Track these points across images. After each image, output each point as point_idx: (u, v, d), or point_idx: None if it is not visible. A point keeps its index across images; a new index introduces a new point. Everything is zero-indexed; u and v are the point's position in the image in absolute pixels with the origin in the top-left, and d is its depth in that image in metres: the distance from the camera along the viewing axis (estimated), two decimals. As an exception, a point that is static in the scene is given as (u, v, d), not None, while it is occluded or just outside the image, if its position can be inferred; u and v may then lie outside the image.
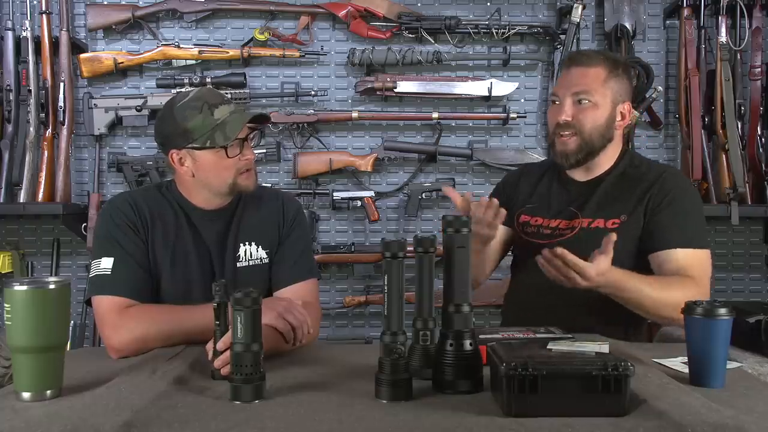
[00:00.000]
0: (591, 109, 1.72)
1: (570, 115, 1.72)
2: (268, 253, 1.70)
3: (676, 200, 1.69)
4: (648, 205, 1.70)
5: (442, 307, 1.20)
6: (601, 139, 1.74)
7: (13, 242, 2.76)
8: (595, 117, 1.72)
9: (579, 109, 1.72)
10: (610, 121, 1.74)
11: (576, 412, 1.03)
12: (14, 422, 1.02)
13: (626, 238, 1.66)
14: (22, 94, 2.58)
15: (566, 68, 1.78)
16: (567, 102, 1.73)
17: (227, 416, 1.05)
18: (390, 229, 2.82)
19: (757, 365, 1.97)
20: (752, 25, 2.60)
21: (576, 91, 1.72)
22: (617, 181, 1.77)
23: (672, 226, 1.67)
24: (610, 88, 1.73)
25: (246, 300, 1.12)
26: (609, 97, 1.73)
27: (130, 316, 1.50)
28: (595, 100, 1.72)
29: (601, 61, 1.74)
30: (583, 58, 1.76)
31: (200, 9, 2.71)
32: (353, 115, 2.72)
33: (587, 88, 1.72)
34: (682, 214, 1.69)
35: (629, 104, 1.78)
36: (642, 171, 1.77)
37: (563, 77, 1.78)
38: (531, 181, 1.89)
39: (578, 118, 1.72)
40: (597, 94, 1.72)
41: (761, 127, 2.62)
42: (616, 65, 1.76)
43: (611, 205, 1.74)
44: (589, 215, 1.74)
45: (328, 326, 2.77)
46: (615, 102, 1.74)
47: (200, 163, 1.60)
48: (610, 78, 1.73)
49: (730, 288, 2.83)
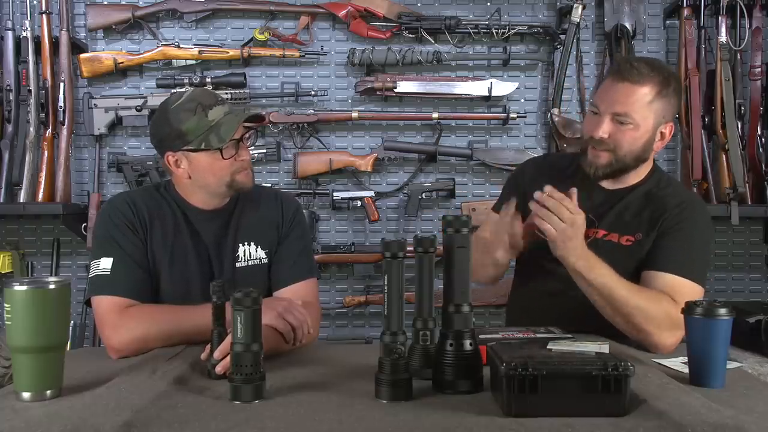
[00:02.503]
0: (630, 132, 1.62)
1: (607, 133, 1.62)
2: (267, 254, 1.70)
3: (686, 230, 1.62)
4: (659, 229, 1.63)
5: (442, 307, 1.20)
6: (635, 161, 1.65)
7: (13, 242, 2.76)
8: (633, 139, 1.62)
9: (618, 128, 1.62)
10: (648, 144, 1.65)
11: (576, 412, 1.03)
12: (14, 422, 1.02)
13: (637, 258, 1.63)
14: (22, 94, 2.58)
15: (613, 79, 1.64)
16: (606, 119, 1.62)
17: (227, 416, 1.05)
18: (390, 229, 2.81)
19: (757, 365, 1.98)
20: (752, 25, 2.60)
21: (618, 111, 1.61)
22: (641, 199, 1.69)
23: (672, 252, 1.60)
24: (654, 111, 1.62)
25: (246, 300, 1.12)
26: (652, 119, 1.62)
27: (130, 316, 1.50)
28: (636, 123, 1.61)
29: (651, 79, 1.61)
30: (634, 74, 1.61)
31: (200, 9, 2.71)
32: (353, 115, 2.72)
33: (630, 110, 1.60)
34: (687, 244, 1.61)
35: (671, 125, 1.68)
36: (666, 194, 1.69)
37: (608, 89, 1.65)
38: (552, 176, 1.77)
39: (615, 138, 1.62)
40: (638, 116, 1.61)
41: (761, 127, 2.62)
42: (667, 82, 1.63)
43: (629, 221, 1.67)
44: (606, 227, 1.68)
45: (328, 326, 2.77)
46: (657, 124, 1.64)
47: (196, 165, 1.60)
48: (657, 99, 1.62)
49: (730, 288, 2.82)
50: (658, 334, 1.48)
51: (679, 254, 1.59)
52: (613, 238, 1.67)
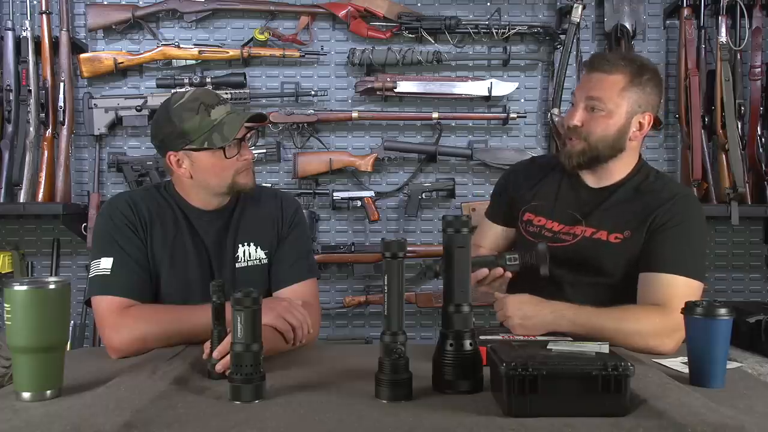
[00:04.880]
0: (602, 118, 1.65)
1: (580, 121, 1.66)
2: (267, 254, 1.70)
3: (681, 225, 1.61)
4: (651, 225, 1.63)
5: (442, 307, 1.20)
6: (609, 149, 1.66)
7: (13, 242, 2.75)
8: (605, 126, 1.65)
9: (590, 116, 1.65)
10: (622, 132, 1.66)
11: (576, 412, 1.03)
12: (14, 422, 1.02)
13: (627, 255, 1.63)
14: (22, 94, 2.58)
15: (587, 71, 1.70)
16: (580, 106, 1.67)
17: (227, 416, 1.05)
18: (390, 229, 2.81)
19: (757, 365, 1.98)
20: (752, 25, 2.59)
21: (590, 96, 1.65)
22: (629, 194, 1.70)
23: (668, 250, 1.59)
24: (627, 98, 1.64)
25: (246, 300, 1.12)
26: (624, 107, 1.64)
27: (130, 316, 1.50)
28: (609, 109, 1.64)
29: (622, 68, 1.65)
30: (604, 63, 1.66)
31: (200, 9, 2.71)
32: (353, 115, 2.72)
33: (601, 96, 1.64)
34: (683, 240, 1.61)
35: (650, 115, 1.68)
36: (655, 188, 1.69)
37: (583, 80, 1.72)
38: (539, 177, 1.82)
39: (587, 126, 1.65)
40: (611, 102, 1.64)
41: (761, 127, 2.61)
42: (640, 72, 1.66)
43: (617, 218, 1.67)
44: (594, 225, 1.68)
45: (328, 326, 2.77)
46: (632, 112, 1.66)
47: (198, 165, 1.60)
48: (631, 87, 1.64)
49: (730, 288, 2.82)
50: (658, 344, 1.48)
51: (676, 252, 1.59)
52: (601, 236, 1.67)
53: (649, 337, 1.48)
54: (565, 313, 1.50)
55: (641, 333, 1.48)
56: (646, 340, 1.48)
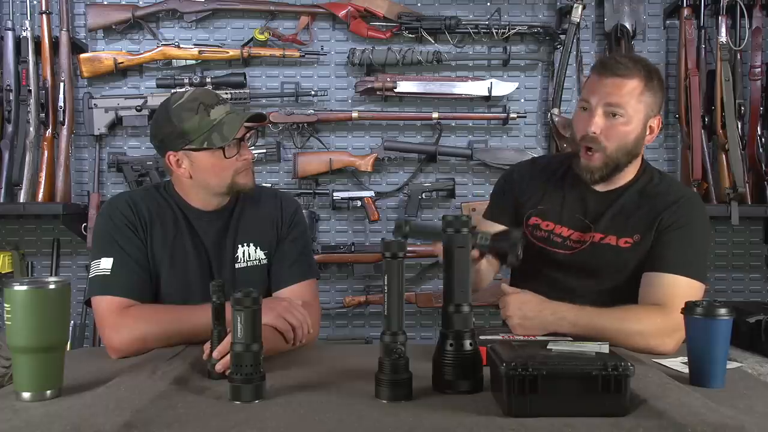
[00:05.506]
0: (622, 125, 1.60)
1: (600, 128, 1.60)
2: (267, 254, 1.70)
3: (685, 227, 1.61)
4: (658, 227, 1.62)
5: (442, 307, 1.20)
6: (626, 156, 1.64)
7: (13, 242, 2.76)
8: (625, 133, 1.61)
9: (610, 123, 1.60)
10: (639, 138, 1.63)
11: (576, 412, 1.03)
12: (14, 422, 1.02)
13: (639, 258, 1.62)
14: (22, 94, 2.58)
15: (599, 75, 1.62)
16: (598, 112, 1.60)
17: (227, 416, 1.05)
18: (390, 229, 2.81)
19: (757, 365, 1.98)
20: (752, 25, 2.60)
21: (610, 102, 1.59)
22: (635, 197, 1.68)
23: (672, 251, 1.59)
24: (644, 103, 1.61)
25: (246, 300, 1.12)
26: (642, 112, 1.61)
27: (130, 316, 1.50)
28: (629, 115, 1.60)
29: (637, 72, 1.61)
30: (621, 68, 1.60)
31: (200, 9, 2.71)
32: (353, 115, 2.72)
33: (621, 102, 1.59)
34: (687, 241, 1.60)
35: (659, 118, 1.67)
36: (661, 190, 1.68)
37: (596, 84, 1.63)
38: (542, 179, 1.78)
39: (607, 134, 1.60)
40: (631, 108, 1.60)
41: (761, 127, 2.62)
42: (651, 76, 1.63)
43: (626, 222, 1.65)
44: (602, 230, 1.66)
45: (328, 326, 2.77)
46: (647, 117, 1.63)
47: (198, 165, 1.60)
48: (646, 91, 1.61)
49: (730, 288, 2.82)
50: (659, 344, 1.48)
51: (679, 253, 1.59)
52: (611, 241, 1.65)
53: (651, 337, 1.48)
54: (566, 315, 1.49)
55: (643, 333, 1.48)
56: (648, 340, 1.48)
